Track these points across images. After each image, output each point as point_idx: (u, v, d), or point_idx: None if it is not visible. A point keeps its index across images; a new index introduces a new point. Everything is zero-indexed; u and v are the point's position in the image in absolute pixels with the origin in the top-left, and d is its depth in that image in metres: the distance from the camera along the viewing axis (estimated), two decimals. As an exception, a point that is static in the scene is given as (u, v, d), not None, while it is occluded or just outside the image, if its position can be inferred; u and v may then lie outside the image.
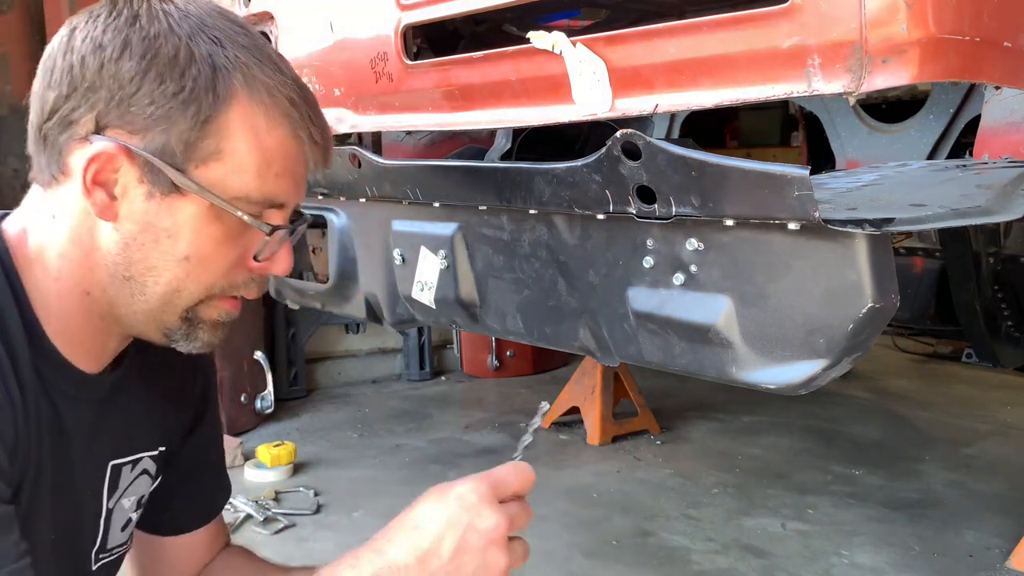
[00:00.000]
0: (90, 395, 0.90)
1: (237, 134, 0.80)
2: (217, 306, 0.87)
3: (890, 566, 2.67)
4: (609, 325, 1.17)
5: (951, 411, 4.23)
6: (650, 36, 0.93)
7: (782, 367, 0.96)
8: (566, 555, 2.75)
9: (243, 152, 0.81)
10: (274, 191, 0.83)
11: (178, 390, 1.06)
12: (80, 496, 0.92)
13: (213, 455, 1.15)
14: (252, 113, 0.81)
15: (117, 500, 0.97)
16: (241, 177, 0.81)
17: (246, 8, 1.62)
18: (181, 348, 0.89)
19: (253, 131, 0.81)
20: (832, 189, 0.99)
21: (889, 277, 0.88)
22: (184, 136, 0.79)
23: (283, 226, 0.86)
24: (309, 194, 1.72)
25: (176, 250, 0.82)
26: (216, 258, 0.84)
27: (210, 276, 0.84)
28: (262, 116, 0.81)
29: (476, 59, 1.14)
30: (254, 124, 0.81)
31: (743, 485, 3.32)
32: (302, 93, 0.85)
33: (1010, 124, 1.02)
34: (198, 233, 0.82)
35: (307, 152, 0.85)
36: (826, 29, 0.78)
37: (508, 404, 4.46)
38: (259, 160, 0.81)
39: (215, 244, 0.83)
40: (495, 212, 1.30)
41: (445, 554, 0.79)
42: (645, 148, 0.95)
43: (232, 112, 0.80)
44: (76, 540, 0.93)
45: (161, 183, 0.80)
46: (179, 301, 0.85)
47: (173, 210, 0.81)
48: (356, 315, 1.75)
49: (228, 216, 0.82)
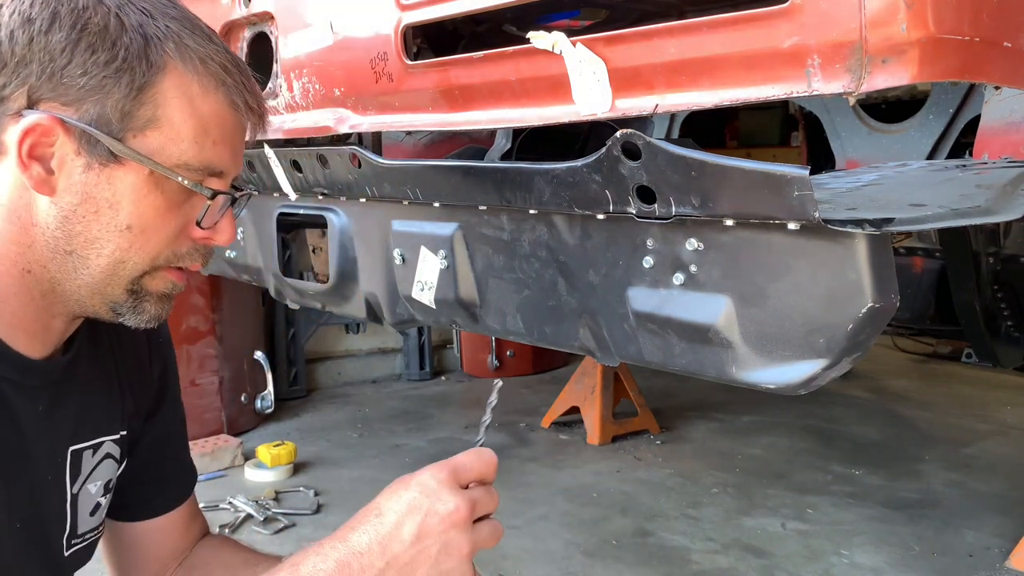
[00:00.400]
0: (37, 381, 0.89)
1: (172, 102, 0.81)
2: (163, 277, 0.87)
3: (890, 566, 2.67)
4: (609, 325, 1.17)
5: (951, 411, 4.23)
6: (650, 36, 0.93)
7: (782, 367, 0.96)
8: (566, 555, 2.75)
9: (179, 120, 0.81)
10: (212, 159, 0.84)
11: (135, 373, 1.05)
12: (40, 483, 0.91)
13: (176, 439, 1.15)
14: (186, 81, 0.81)
15: (82, 485, 0.96)
16: (179, 145, 0.81)
17: (246, 8, 1.62)
18: (129, 322, 0.88)
19: (188, 98, 0.81)
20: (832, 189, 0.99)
21: (889, 277, 0.88)
22: (119, 105, 0.79)
23: (221, 191, 0.86)
24: (309, 194, 1.72)
25: (117, 220, 0.82)
26: (159, 227, 0.84)
27: (154, 246, 0.84)
28: (196, 84, 0.82)
29: (476, 59, 1.14)
30: (188, 92, 0.81)
31: (743, 485, 3.32)
32: (234, 61, 0.86)
33: (1010, 124, 1.02)
34: (139, 202, 0.82)
35: (243, 119, 0.86)
36: (826, 29, 0.78)
37: (508, 404, 4.46)
38: (196, 127, 0.82)
39: (157, 213, 0.83)
40: (495, 212, 1.30)
41: (406, 538, 0.80)
42: (645, 148, 0.95)
43: (166, 80, 0.80)
44: (43, 527, 0.92)
45: (99, 153, 0.80)
46: (124, 273, 0.84)
47: (113, 180, 0.81)
48: (356, 315, 1.75)
49: (168, 184, 0.82)
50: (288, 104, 1.55)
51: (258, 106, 0.88)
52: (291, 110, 1.56)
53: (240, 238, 2.03)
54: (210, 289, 3.83)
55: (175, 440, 1.14)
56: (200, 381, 3.77)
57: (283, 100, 1.56)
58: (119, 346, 1.03)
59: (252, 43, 1.70)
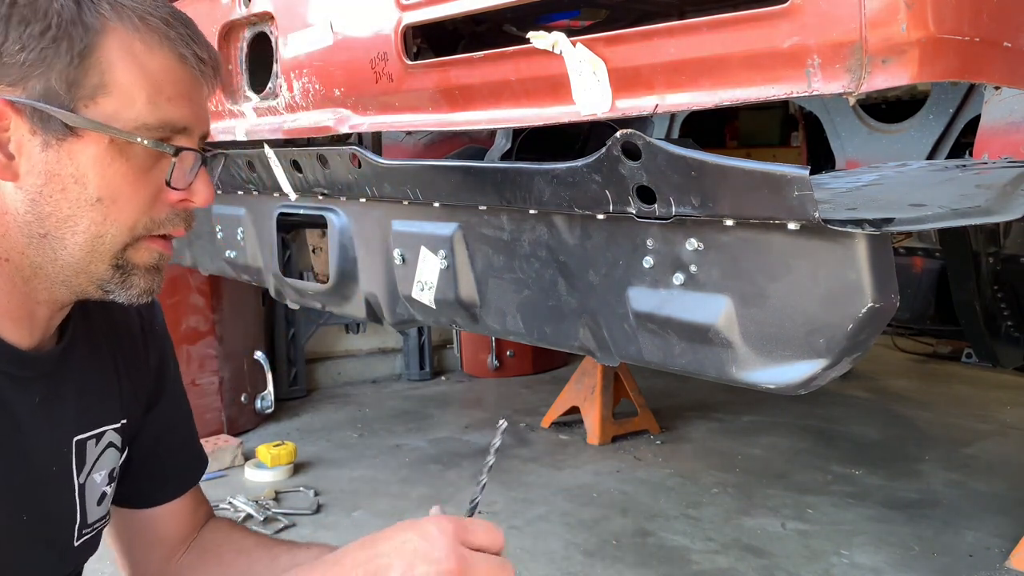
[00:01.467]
0: (31, 372, 0.88)
1: (118, 64, 0.78)
2: (147, 248, 0.85)
3: (890, 566, 2.67)
4: (609, 325, 1.17)
5: (951, 411, 4.23)
6: (650, 36, 0.93)
7: (782, 367, 0.96)
8: (566, 555, 2.75)
9: (129, 81, 0.79)
10: (171, 115, 0.81)
11: (132, 363, 1.04)
12: (44, 475, 0.90)
13: (181, 428, 1.14)
14: (128, 40, 0.79)
15: (88, 475, 0.96)
16: (133, 107, 0.79)
17: (246, 8, 1.62)
18: (120, 298, 0.87)
19: (133, 58, 0.79)
20: (832, 189, 0.99)
21: (889, 277, 0.88)
22: (64, 75, 0.77)
23: (187, 147, 0.84)
24: (309, 194, 1.72)
25: (87, 194, 0.80)
26: (130, 195, 0.82)
27: (129, 215, 0.82)
28: (139, 41, 0.79)
29: (476, 59, 1.14)
30: (132, 50, 0.79)
31: (743, 485, 3.32)
32: (176, 15, 0.83)
33: (1010, 124, 1.02)
34: (104, 172, 0.80)
35: (196, 71, 0.83)
36: (826, 29, 0.78)
37: (508, 404, 4.46)
38: (147, 86, 0.79)
39: (125, 180, 0.81)
40: (495, 212, 1.30)
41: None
42: (645, 148, 0.95)
43: (107, 42, 0.78)
44: (51, 519, 0.92)
45: (54, 129, 0.78)
46: (104, 247, 0.82)
47: (73, 154, 0.79)
48: (356, 315, 1.75)
49: (131, 148, 0.80)
50: (288, 104, 1.55)
51: (209, 56, 0.85)
52: (291, 110, 1.56)
53: (240, 238, 2.03)
54: (210, 289, 3.83)
55: (180, 429, 1.14)
56: (200, 381, 3.77)
57: (283, 100, 1.56)
58: (114, 336, 1.02)
59: (252, 43, 1.70)
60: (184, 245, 2.32)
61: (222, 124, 1.78)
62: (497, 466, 0.94)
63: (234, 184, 1.95)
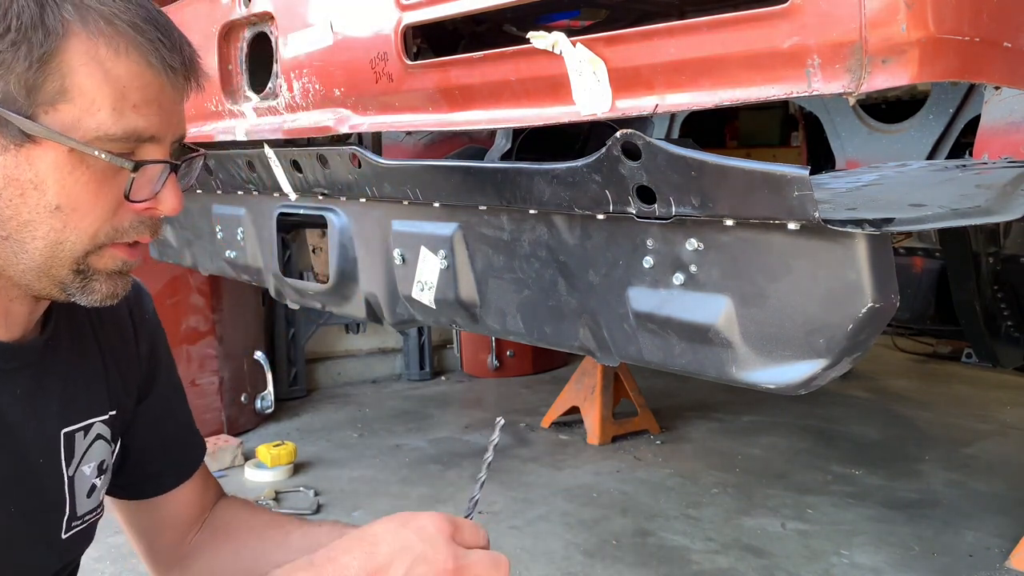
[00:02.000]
0: (13, 363, 0.87)
1: (80, 69, 0.76)
2: (110, 255, 0.84)
3: (890, 566, 2.67)
4: (609, 325, 1.17)
5: (951, 411, 4.23)
6: (650, 36, 0.93)
7: (782, 367, 0.96)
8: (566, 555, 2.75)
9: (91, 88, 0.76)
10: (137, 124, 0.78)
11: (120, 353, 1.03)
12: (32, 467, 0.89)
13: (177, 414, 1.14)
14: (92, 45, 0.76)
15: (76, 467, 0.95)
16: (95, 116, 0.76)
17: (246, 8, 1.62)
18: (81, 302, 0.85)
19: (97, 63, 0.76)
20: (832, 189, 0.99)
21: (889, 277, 0.88)
22: (23, 80, 0.75)
23: (147, 160, 0.81)
24: (309, 194, 1.72)
25: (46, 201, 0.78)
26: (91, 204, 0.79)
27: (90, 224, 0.80)
28: (104, 46, 0.76)
29: (476, 59, 1.14)
30: (96, 56, 0.76)
31: (743, 485, 3.32)
32: (150, 16, 0.80)
33: (1010, 124, 1.02)
34: (63, 181, 0.78)
35: (165, 77, 0.80)
36: (826, 29, 0.78)
37: (508, 404, 4.46)
38: (111, 93, 0.77)
39: (86, 189, 0.79)
40: (495, 212, 1.30)
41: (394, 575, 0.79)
42: (645, 148, 0.95)
43: (69, 47, 0.75)
44: (41, 510, 0.91)
45: (12, 134, 0.76)
46: (64, 254, 0.81)
47: (32, 160, 0.77)
48: (356, 315, 1.75)
49: (92, 158, 0.77)
50: (288, 104, 1.55)
51: (182, 63, 0.82)
52: (291, 110, 1.56)
53: (240, 238, 2.03)
54: (210, 289, 3.83)
55: (176, 416, 1.14)
56: (200, 381, 3.77)
57: (283, 100, 1.56)
58: (100, 327, 1.01)
59: (252, 43, 1.70)
60: (184, 245, 2.32)
61: (222, 124, 1.78)
62: (497, 466, 0.94)
63: (234, 184, 1.95)
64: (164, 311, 1.15)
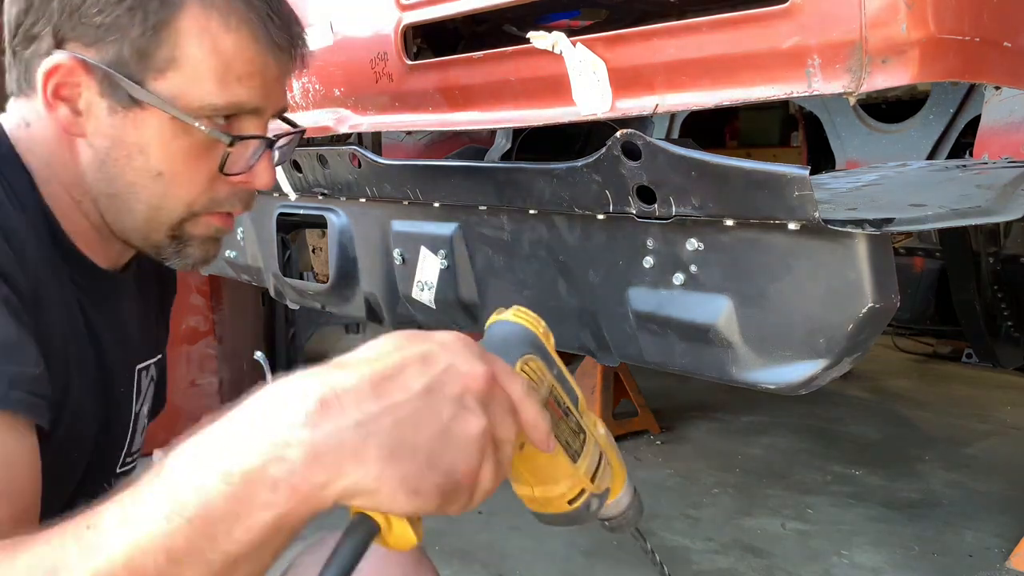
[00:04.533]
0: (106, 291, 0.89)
1: (191, 40, 0.77)
2: (206, 223, 0.85)
3: (890, 566, 2.66)
4: (609, 325, 1.17)
5: (951, 411, 4.22)
6: (650, 36, 0.93)
7: (782, 367, 0.96)
8: (566, 555, 2.75)
9: (199, 58, 0.77)
10: (241, 96, 0.80)
11: (164, 306, 1.07)
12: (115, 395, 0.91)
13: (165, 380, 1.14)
14: (205, 16, 0.77)
15: (140, 405, 0.97)
16: (201, 85, 0.78)
17: (246, 8, 1.62)
18: (175, 265, 0.88)
19: (208, 34, 0.77)
20: (832, 189, 0.99)
21: (889, 277, 0.88)
22: (136, 45, 0.76)
23: (246, 135, 0.82)
24: (309, 194, 1.72)
25: (149, 166, 0.80)
26: (190, 173, 0.81)
27: (188, 192, 0.82)
28: (216, 18, 0.78)
29: (476, 59, 1.14)
30: (207, 27, 0.77)
31: (743, 485, 3.32)
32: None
33: (1010, 124, 1.03)
34: (166, 147, 0.79)
35: (272, 55, 0.81)
36: (826, 29, 0.78)
37: (508, 404, 4.45)
38: (217, 65, 0.78)
39: (186, 158, 0.80)
40: (495, 212, 1.30)
41: (413, 387, 0.55)
42: (645, 148, 0.95)
43: (183, 16, 0.77)
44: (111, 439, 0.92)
45: (120, 96, 0.77)
46: (162, 219, 0.83)
47: (138, 124, 0.78)
48: (356, 315, 1.75)
49: (193, 128, 0.78)
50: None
51: (289, 40, 0.83)
52: (291, 110, 1.56)
53: (240, 238, 2.03)
54: (210, 289, 3.83)
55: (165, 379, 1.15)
56: (200, 382, 3.77)
57: (283, 100, 1.56)
58: (158, 274, 1.04)
59: (252, 43, 1.69)
60: (184, 245, 2.32)
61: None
62: None
63: (234, 184, 1.95)
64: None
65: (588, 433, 0.73)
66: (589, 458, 0.72)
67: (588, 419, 0.74)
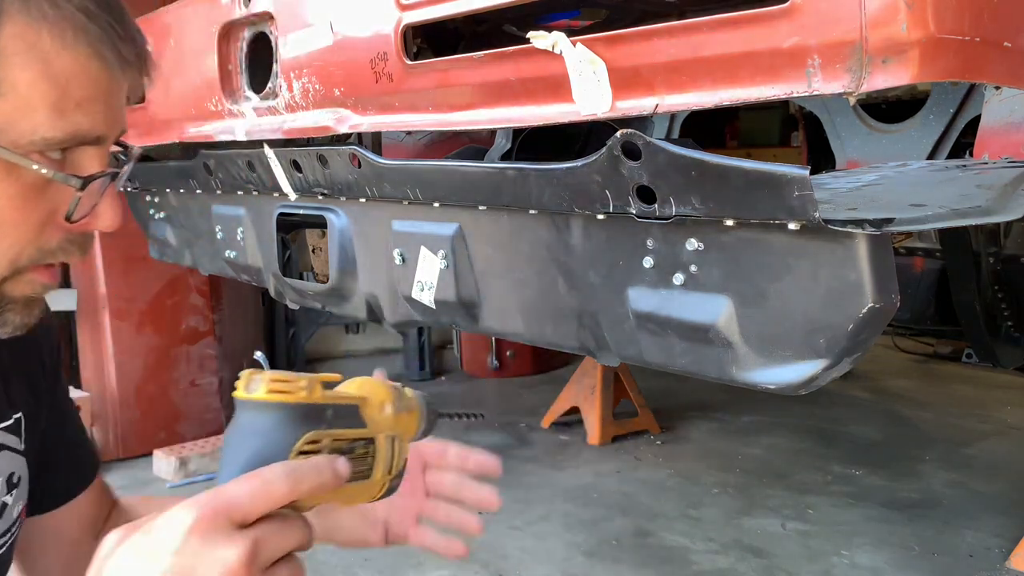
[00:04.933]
0: None
1: (14, 60, 0.62)
2: (29, 280, 0.70)
3: (890, 566, 2.67)
4: (609, 325, 1.16)
5: (951, 411, 4.22)
6: (650, 36, 0.93)
7: (782, 367, 0.96)
8: (566, 555, 2.75)
9: (28, 83, 0.63)
10: (81, 124, 0.66)
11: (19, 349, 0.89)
12: None
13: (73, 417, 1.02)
14: (32, 32, 0.63)
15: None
16: (32, 116, 0.63)
17: (246, 8, 1.62)
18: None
19: (37, 55, 0.63)
20: (832, 189, 0.99)
21: (889, 277, 0.88)
22: None
23: (96, 175, 0.68)
24: (309, 194, 1.72)
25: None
26: (17, 222, 0.66)
27: (12, 246, 0.67)
28: (47, 35, 0.63)
29: (476, 59, 1.14)
30: (36, 46, 0.63)
31: (743, 485, 3.32)
32: (103, 2, 0.67)
33: (1010, 124, 1.03)
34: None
35: (118, 74, 0.68)
36: (826, 29, 0.78)
37: (508, 404, 4.46)
38: (52, 91, 0.63)
39: (12, 205, 0.65)
40: (495, 212, 1.30)
41: None
42: (645, 148, 0.95)
43: (5, 32, 0.62)
44: None
45: None
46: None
47: None
48: (356, 315, 1.75)
49: (23, 169, 0.64)
50: (288, 104, 1.55)
51: (136, 56, 0.69)
52: (291, 110, 1.56)
53: (240, 238, 2.03)
54: (210, 289, 3.83)
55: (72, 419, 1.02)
56: (200, 382, 3.77)
57: (283, 100, 1.56)
58: None
59: (252, 43, 1.70)
60: (184, 245, 2.32)
61: (221, 124, 1.78)
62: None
63: (234, 184, 1.95)
64: (164, 311, 1.14)
65: (375, 442, 0.69)
66: (383, 463, 0.70)
67: (369, 415, 0.69)
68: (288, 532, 0.58)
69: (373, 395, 0.72)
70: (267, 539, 0.57)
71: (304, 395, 0.61)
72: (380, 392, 0.73)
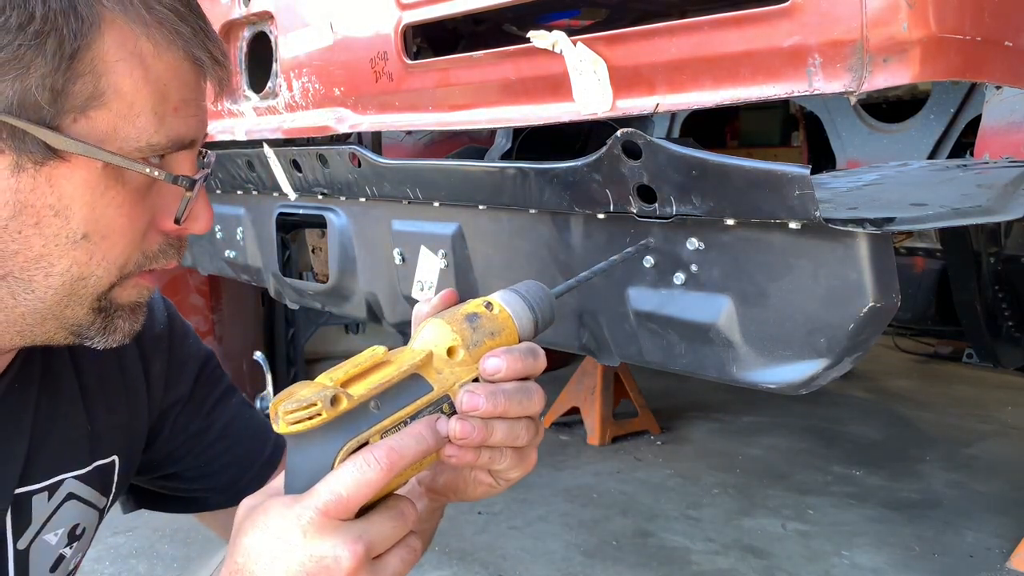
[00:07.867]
0: None
1: (118, 67, 0.62)
2: (136, 285, 0.72)
3: (890, 566, 2.66)
4: (609, 325, 1.16)
5: (951, 411, 4.22)
6: (651, 36, 0.92)
7: (783, 367, 0.96)
8: (566, 556, 2.75)
9: (131, 88, 0.63)
10: (179, 129, 0.67)
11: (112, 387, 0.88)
12: None
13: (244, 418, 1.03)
14: (131, 36, 0.63)
15: (34, 537, 0.79)
16: (135, 121, 0.64)
17: (246, 8, 1.62)
18: (98, 345, 0.72)
19: (138, 61, 0.63)
20: (833, 188, 0.99)
21: (890, 276, 0.88)
22: (48, 81, 0.60)
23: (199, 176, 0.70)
24: (309, 194, 1.72)
25: (69, 230, 0.64)
26: (124, 228, 0.67)
27: (121, 252, 0.67)
28: (145, 39, 0.64)
29: (476, 59, 1.14)
30: (137, 50, 0.63)
31: (743, 485, 3.32)
32: (188, 3, 0.68)
33: (1011, 124, 1.02)
34: (95, 204, 0.64)
35: (208, 75, 0.70)
36: (827, 28, 0.78)
37: (508, 404, 4.45)
38: (153, 94, 0.64)
39: (119, 212, 0.66)
40: (495, 212, 1.30)
41: None
42: (646, 147, 0.95)
43: (105, 39, 0.62)
44: None
45: (31, 149, 0.61)
46: (86, 291, 0.68)
47: (55, 182, 0.63)
48: (356, 315, 1.75)
49: (130, 175, 0.65)
50: (288, 104, 1.55)
51: (223, 56, 0.70)
52: (291, 110, 1.56)
53: (240, 238, 2.03)
54: (210, 289, 3.83)
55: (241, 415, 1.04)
56: (200, 381, 3.77)
57: (283, 100, 1.56)
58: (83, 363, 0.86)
59: (252, 43, 1.70)
60: (184, 245, 2.32)
61: (222, 124, 1.78)
62: None
63: (234, 184, 1.95)
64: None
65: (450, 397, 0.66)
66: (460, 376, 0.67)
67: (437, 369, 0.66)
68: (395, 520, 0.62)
69: (439, 344, 0.67)
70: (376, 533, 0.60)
71: (323, 416, 0.59)
72: (446, 338, 0.67)
